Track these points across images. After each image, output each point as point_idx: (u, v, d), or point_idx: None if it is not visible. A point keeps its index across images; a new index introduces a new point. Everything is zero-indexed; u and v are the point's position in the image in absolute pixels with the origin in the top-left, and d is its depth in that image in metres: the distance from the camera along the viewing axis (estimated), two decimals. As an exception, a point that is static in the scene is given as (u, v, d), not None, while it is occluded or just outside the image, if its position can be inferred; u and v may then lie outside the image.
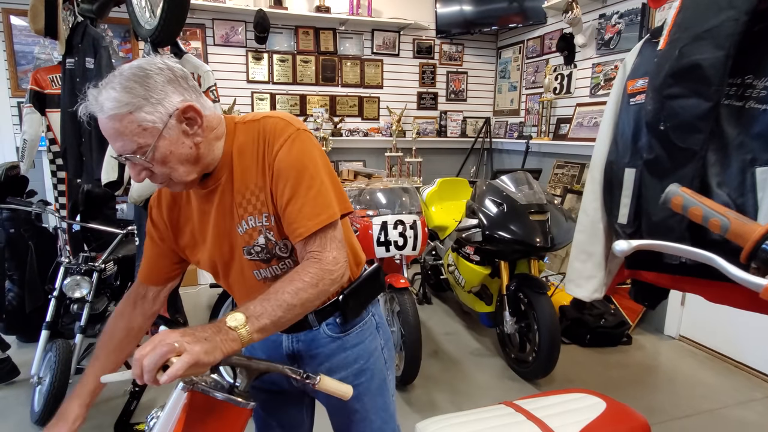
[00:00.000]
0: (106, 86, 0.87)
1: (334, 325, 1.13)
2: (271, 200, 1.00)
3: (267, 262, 1.05)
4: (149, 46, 1.97)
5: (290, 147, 0.97)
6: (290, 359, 1.16)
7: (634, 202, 1.26)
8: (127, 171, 2.22)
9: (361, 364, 1.17)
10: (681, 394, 2.65)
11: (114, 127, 0.86)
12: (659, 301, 1.54)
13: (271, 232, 1.02)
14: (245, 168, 1.01)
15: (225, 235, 1.05)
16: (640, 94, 1.23)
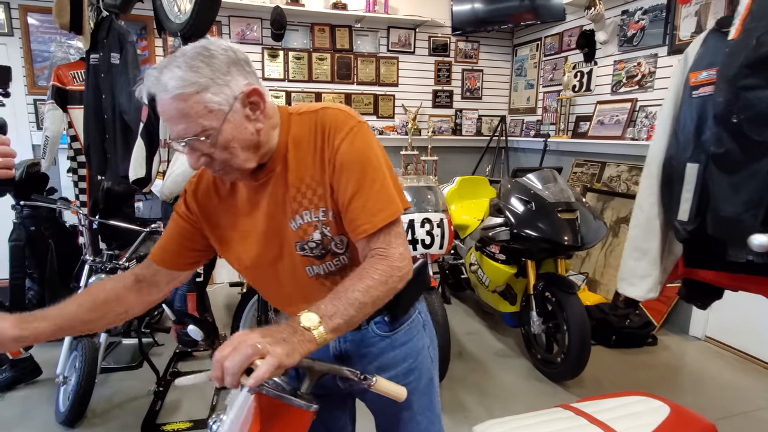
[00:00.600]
0: (169, 65, 0.83)
1: (383, 324, 1.10)
2: (330, 195, 0.95)
3: (321, 258, 1.00)
4: (179, 41, 1.94)
5: (352, 140, 0.92)
6: (338, 360, 1.11)
7: (696, 197, 1.22)
8: (155, 167, 2.21)
9: (410, 363, 1.13)
10: (711, 396, 2.61)
11: (178, 107, 0.82)
12: (712, 302, 1.50)
13: (328, 227, 0.97)
14: (301, 160, 0.96)
15: (275, 230, 1.00)
16: (705, 86, 1.19)
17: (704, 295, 1.48)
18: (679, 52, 3.29)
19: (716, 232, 1.15)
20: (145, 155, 2.09)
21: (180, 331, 2.30)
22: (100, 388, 2.51)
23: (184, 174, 1.81)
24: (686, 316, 3.36)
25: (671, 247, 1.37)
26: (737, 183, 1.07)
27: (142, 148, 2.08)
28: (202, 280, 2.07)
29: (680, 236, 1.27)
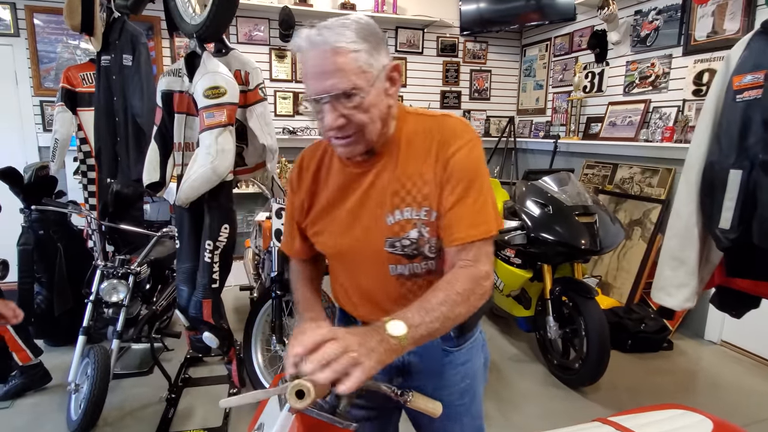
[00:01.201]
0: (332, 26, 0.85)
1: (450, 339, 1.07)
2: (437, 196, 0.95)
3: (410, 258, 0.98)
4: (195, 42, 1.90)
5: (470, 151, 0.94)
6: (398, 372, 1.08)
7: (739, 205, 1.18)
8: (169, 171, 2.17)
9: (467, 384, 1.11)
10: (732, 402, 2.57)
11: (335, 60, 0.84)
12: (747, 311, 1.46)
13: (427, 228, 0.96)
14: (411, 157, 0.97)
15: (364, 221, 0.99)
16: (750, 89, 1.15)
17: (739, 303, 1.44)
18: (694, 52, 3.25)
19: (764, 241, 1.11)
20: (159, 159, 2.05)
21: (193, 337, 2.25)
22: (111, 395, 2.47)
23: (201, 178, 1.78)
24: (701, 321, 3.32)
25: (709, 256, 1.33)
26: (788, 191, 1.03)
27: (155, 151, 2.04)
28: (218, 286, 2.02)
29: (722, 245, 1.23)
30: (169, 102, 1.98)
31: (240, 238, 4.39)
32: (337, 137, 0.91)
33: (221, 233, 1.95)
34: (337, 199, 1.02)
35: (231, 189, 2.00)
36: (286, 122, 4.48)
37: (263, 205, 3.89)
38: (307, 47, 0.86)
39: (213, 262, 1.97)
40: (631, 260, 3.55)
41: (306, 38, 0.86)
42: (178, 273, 2.14)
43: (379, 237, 0.98)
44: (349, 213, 1.00)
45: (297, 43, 0.87)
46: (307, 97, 0.90)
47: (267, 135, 1.95)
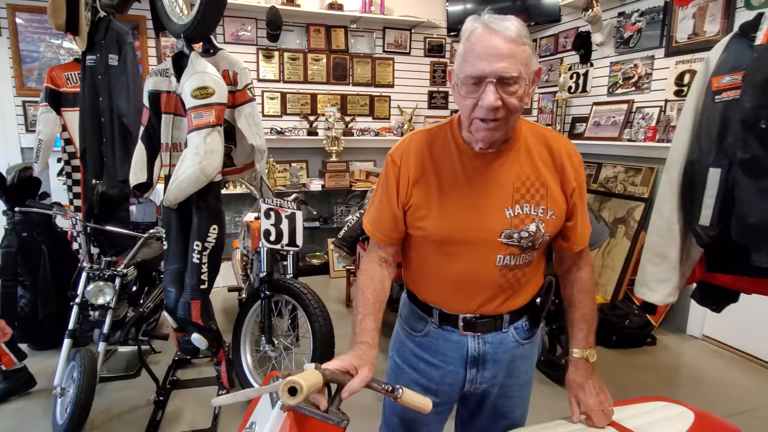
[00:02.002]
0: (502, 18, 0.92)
1: (522, 330, 1.16)
2: (558, 198, 1.06)
3: (524, 249, 1.06)
4: (182, 42, 1.89)
5: (583, 172, 1.10)
6: (473, 361, 1.15)
7: (718, 203, 1.21)
8: (156, 172, 2.15)
9: (528, 376, 1.23)
10: (714, 394, 2.63)
11: (511, 48, 0.90)
12: (727, 305, 1.51)
13: (544, 224, 1.05)
14: (532, 159, 1.05)
15: (481, 210, 1.05)
16: (728, 90, 1.18)
17: (720, 298, 1.49)
18: (675, 54, 3.32)
19: (741, 237, 1.14)
20: (146, 159, 2.04)
21: (182, 338, 2.24)
22: (98, 399, 2.43)
23: (190, 179, 1.77)
24: (683, 316, 3.40)
25: (689, 252, 1.37)
26: (764, 188, 1.07)
27: (142, 151, 2.02)
28: (206, 287, 2.01)
29: (702, 241, 1.27)
30: (156, 102, 1.96)
31: (228, 239, 4.37)
32: (486, 119, 0.95)
33: (210, 234, 1.94)
34: (452, 186, 1.05)
35: (219, 189, 1.99)
36: (274, 122, 4.47)
37: (251, 205, 3.88)
38: (483, 29, 0.91)
39: (201, 262, 1.96)
40: (615, 258, 3.61)
41: (482, 22, 0.92)
42: (165, 274, 2.13)
43: (496, 227, 1.04)
44: (463, 201, 1.05)
45: (471, 25, 0.93)
46: (467, 79, 0.93)
47: (256, 135, 1.95)
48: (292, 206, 2.37)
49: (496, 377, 1.16)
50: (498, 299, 1.11)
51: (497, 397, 1.20)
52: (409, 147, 1.09)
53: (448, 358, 1.15)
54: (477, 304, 1.10)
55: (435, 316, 1.15)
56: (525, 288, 1.13)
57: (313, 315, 2.27)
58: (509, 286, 1.10)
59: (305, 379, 0.75)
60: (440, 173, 1.06)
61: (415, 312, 1.20)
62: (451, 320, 1.13)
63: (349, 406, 0.90)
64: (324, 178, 4.52)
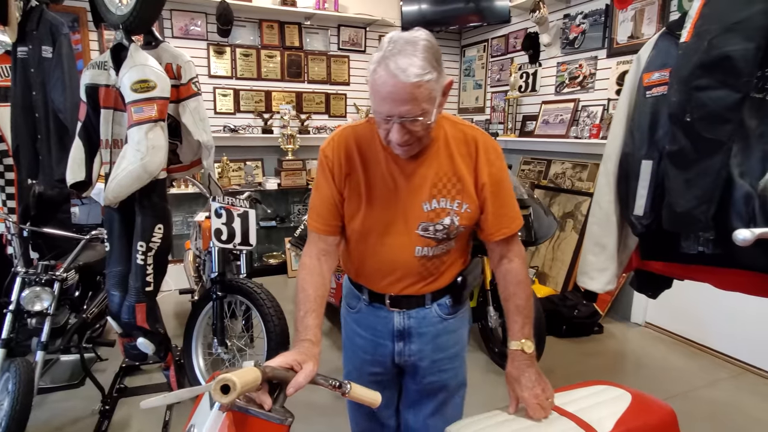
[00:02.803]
0: (403, 53, 0.92)
1: (445, 306, 1.23)
2: (472, 192, 1.12)
3: (439, 241, 1.14)
4: (121, 34, 1.80)
5: (502, 162, 1.16)
6: (399, 335, 1.23)
7: (650, 193, 1.28)
8: (96, 170, 2.05)
9: (457, 350, 1.28)
10: (654, 378, 2.78)
11: (411, 92, 0.92)
12: (662, 291, 1.59)
13: (458, 217, 1.12)
14: (451, 156, 1.12)
15: (402, 205, 1.12)
16: (657, 86, 1.25)
17: (655, 285, 1.57)
18: (617, 54, 3.48)
19: (671, 225, 1.21)
20: (84, 157, 1.94)
21: (127, 344, 2.14)
22: (37, 411, 2.31)
23: (131, 176, 1.69)
24: (627, 304, 3.57)
25: (626, 242, 1.43)
26: (690, 179, 1.13)
27: (80, 148, 1.92)
28: (152, 289, 1.94)
29: (636, 230, 1.34)
30: (94, 96, 1.87)
31: (181, 240, 4.23)
32: (399, 145, 1.02)
33: (155, 234, 1.87)
34: (376, 182, 1.13)
35: (164, 187, 1.92)
36: (227, 120, 4.35)
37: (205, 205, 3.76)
38: (384, 73, 0.92)
39: (146, 264, 1.88)
40: (565, 250, 3.75)
41: (384, 67, 0.92)
42: (108, 277, 2.03)
43: (414, 221, 1.12)
44: (386, 196, 1.12)
45: (375, 71, 0.94)
46: (376, 113, 0.99)
47: (202, 131, 1.89)
48: (245, 205, 2.32)
49: (423, 350, 1.23)
50: (419, 284, 1.20)
51: (429, 372, 1.26)
52: (339, 143, 1.14)
53: (378, 332, 1.25)
54: (400, 287, 1.19)
55: (365, 294, 1.25)
56: (445, 273, 1.21)
57: (266, 315, 2.23)
58: (429, 273, 1.19)
59: (239, 376, 0.73)
60: (367, 169, 1.13)
61: (351, 290, 1.30)
62: (379, 298, 1.22)
63: (307, 406, 0.89)
64: (280, 177, 4.45)
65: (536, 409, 1.09)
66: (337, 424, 2.26)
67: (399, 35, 0.96)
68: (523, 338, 1.15)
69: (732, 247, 1.16)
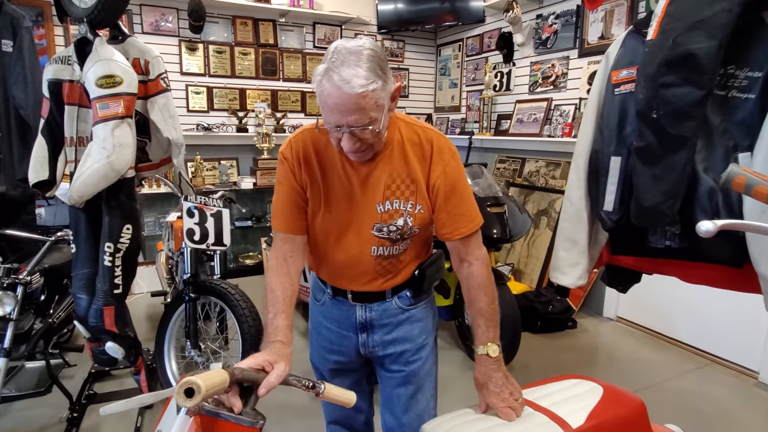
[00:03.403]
0: (346, 64, 0.93)
1: (405, 298, 1.25)
2: (425, 193, 1.14)
3: (394, 242, 1.16)
4: (85, 27, 1.74)
5: (457, 162, 1.16)
6: (361, 327, 1.26)
7: (619, 189, 1.30)
8: (60, 169, 1.98)
9: (423, 339, 1.28)
10: (626, 371, 2.85)
11: (357, 102, 0.93)
12: (631, 285, 1.63)
13: (411, 218, 1.14)
14: (404, 159, 1.13)
15: (358, 206, 1.14)
16: (626, 83, 1.27)
17: (625, 279, 1.60)
18: (588, 54, 3.55)
19: (639, 220, 1.23)
20: (48, 155, 1.86)
21: (96, 349, 2.07)
22: (1, 420, 2.22)
23: (97, 174, 1.64)
24: (600, 300, 3.64)
25: (596, 237, 1.46)
26: (657, 174, 1.16)
27: (43, 146, 1.85)
28: (121, 291, 1.88)
29: (606, 226, 1.36)
30: (57, 92, 1.80)
31: (153, 241, 4.12)
32: (352, 152, 1.04)
33: (123, 234, 1.81)
34: (333, 184, 1.14)
35: (133, 186, 1.86)
36: (200, 118, 4.27)
37: (177, 205, 3.68)
38: (331, 88, 0.93)
39: (114, 266, 1.82)
40: (539, 247, 3.80)
41: (328, 78, 0.93)
42: (74, 280, 1.96)
43: (368, 222, 1.14)
44: (343, 198, 1.14)
45: (320, 83, 0.95)
46: (326, 123, 1.00)
47: (171, 128, 1.84)
48: (219, 204, 2.28)
49: (385, 340, 1.26)
50: (378, 281, 1.22)
51: (396, 362, 1.29)
52: (297, 145, 1.15)
53: (342, 324, 1.28)
54: (360, 284, 1.22)
55: (329, 289, 1.28)
56: (403, 270, 1.23)
57: (241, 316, 2.19)
58: (387, 271, 1.22)
59: (205, 378, 0.71)
60: (324, 171, 1.14)
61: (317, 283, 1.33)
62: (341, 293, 1.26)
63: (282, 408, 0.87)
64: (256, 176, 4.39)
65: (507, 412, 1.09)
66: (312, 425, 2.24)
67: (343, 45, 0.96)
68: (488, 342, 1.15)
69: (697, 240, 1.20)
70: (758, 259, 1.10)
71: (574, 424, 1.09)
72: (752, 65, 1.09)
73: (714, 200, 1.14)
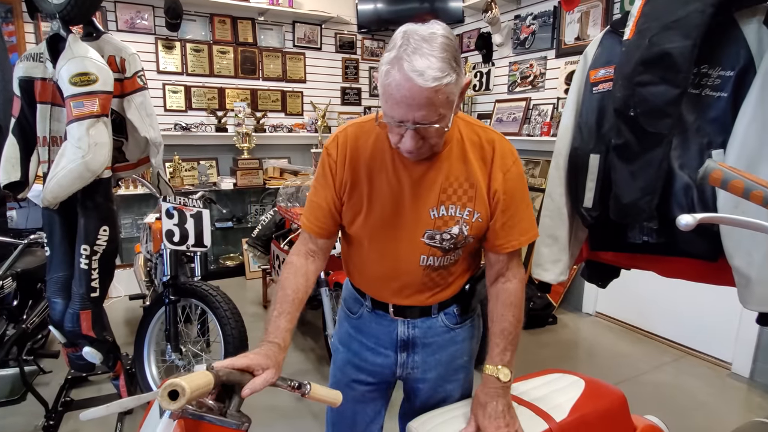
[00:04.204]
0: (419, 53, 0.83)
1: (452, 316, 1.16)
2: (486, 200, 1.04)
3: (446, 252, 1.07)
4: (58, 24, 1.69)
5: (519, 168, 1.06)
6: (403, 344, 1.16)
7: (599, 186, 1.33)
8: (32, 170, 1.92)
9: (464, 362, 1.21)
10: (605, 365, 2.91)
11: (428, 96, 0.83)
12: (611, 280, 1.66)
13: (468, 226, 1.05)
14: (463, 162, 1.03)
15: (410, 210, 1.04)
16: (604, 82, 1.30)
17: (604, 275, 1.63)
18: (565, 55, 3.61)
19: (617, 216, 1.26)
20: (19, 155, 1.81)
21: (72, 354, 2.02)
22: (-29, 430, 2.15)
23: (71, 175, 1.59)
24: (579, 295, 3.71)
25: (577, 233, 1.48)
26: (635, 171, 1.18)
27: (14, 146, 1.79)
28: (98, 295, 1.83)
29: (586, 222, 1.38)
30: (29, 90, 1.75)
31: (131, 243, 4.04)
32: (410, 152, 0.94)
33: (99, 236, 1.77)
34: (381, 184, 1.04)
35: (110, 187, 1.82)
36: (178, 118, 4.20)
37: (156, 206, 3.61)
38: (401, 79, 0.83)
39: (91, 268, 1.78)
40: (520, 245, 3.85)
41: (399, 68, 0.83)
42: (49, 284, 1.91)
43: (420, 228, 1.04)
44: (391, 199, 1.04)
45: (388, 72, 0.84)
46: (388, 118, 0.90)
47: (149, 127, 1.80)
48: (198, 205, 2.25)
49: (427, 362, 1.17)
50: (424, 294, 1.13)
51: (433, 385, 1.20)
52: (345, 141, 1.06)
53: (380, 341, 1.18)
54: (404, 296, 1.12)
55: (368, 301, 1.18)
56: (453, 284, 1.14)
57: (223, 318, 2.16)
58: (435, 284, 1.11)
59: (189, 381, 0.69)
60: (371, 171, 1.04)
61: (352, 294, 1.23)
62: (382, 306, 1.16)
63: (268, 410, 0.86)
64: (236, 176, 4.34)
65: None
66: (299, 427, 2.22)
67: (413, 29, 0.87)
68: (501, 365, 1.07)
69: (674, 235, 1.23)
70: (732, 253, 1.14)
71: (558, 418, 1.11)
72: (725, 64, 1.12)
73: (689, 196, 1.17)
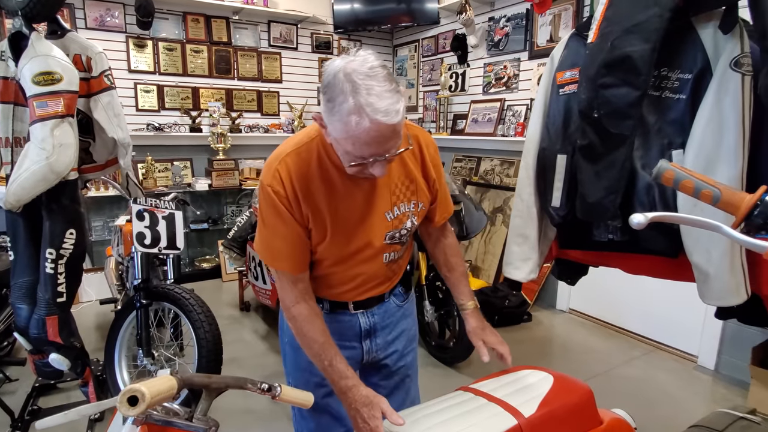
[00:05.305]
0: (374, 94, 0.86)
1: (400, 295, 1.30)
2: (425, 189, 1.16)
3: (403, 244, 1.18)
4: (20, 21, 1.64)
5: (437, 153, 1.20)
6: (365, 334, 1.25)
7: (566, 186, 1.36)
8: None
9: (414, 331, 1.36)
10: (578, 360, 2.97)
11: (396, 130, 0.91)
12: (579, 278, 1.70)
13: (416, 216, 1.17)
14: (400, 159, 1.10)
15: (368, 221, 1.10)
16: (569, 84, 1.33)
17: (573, 272, 1.67)
18: (537, 57, 3.67)
19: (583, 215, 1.29)
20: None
21: (39, 361, 1.96)
22: (-69, 443, 2.07)
23: (35, 176, 1.55)
24: (553, 293, 3.78)
25: (546, 232, 1.51)
26: (599, 171, 1.21)
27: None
28: (65, 300, 1.78)
29: (554, 221, 1.41)
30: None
31: (102, 246, 3.94)
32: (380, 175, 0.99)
33: (66, 239, 1.72)
34: (337, 205, 1.07)
35: (76, 189, 1.78)
36: (151, 118, 4.12)
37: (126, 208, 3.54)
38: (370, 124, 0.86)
39: (57, 273, 1.73)
40: (495, 244, 3.90)
41: (363, 116, 0.85)
42: (13, 289, 1.85)
43: (381, 232, 1.12)
44: (350, 216, 1.08)
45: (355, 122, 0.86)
46: (355, 157, 0.92)
47: (117, 127, 1.77)
48: (171, 206, 2.21)
49: (387, 341, 1.28)
50: (383, 285, 1.23)
51: (397, 359, 1.32)
52: (289, 174, 1.04)
53: (344, 336, 1.23)
54: (363, 291, 1.21)
55: (326, 304, 1.23)
56: (403, 268, 1.28)
57: (196, 321, 2.13)
58: (393, 273, 1.24)
59: (149, 386, 0.68)
60: (324, 195, 1.05)
61: (334, 311, 1.25)
62: (341, 305, 1.23)
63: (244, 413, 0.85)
64: (211, 177, 4.28)
65: (504, 347, 1.28)
66: (275, 429, 2.21)
67: (351, 69, 0.87)
68: (473, 298, 1.29)
69: (636, 233, 1.26)
70: (692, 250, 1.18)
71: (527, 413, 1.13)
72: (683, 67, 1.16)
73: (651, 195, 1.21)
